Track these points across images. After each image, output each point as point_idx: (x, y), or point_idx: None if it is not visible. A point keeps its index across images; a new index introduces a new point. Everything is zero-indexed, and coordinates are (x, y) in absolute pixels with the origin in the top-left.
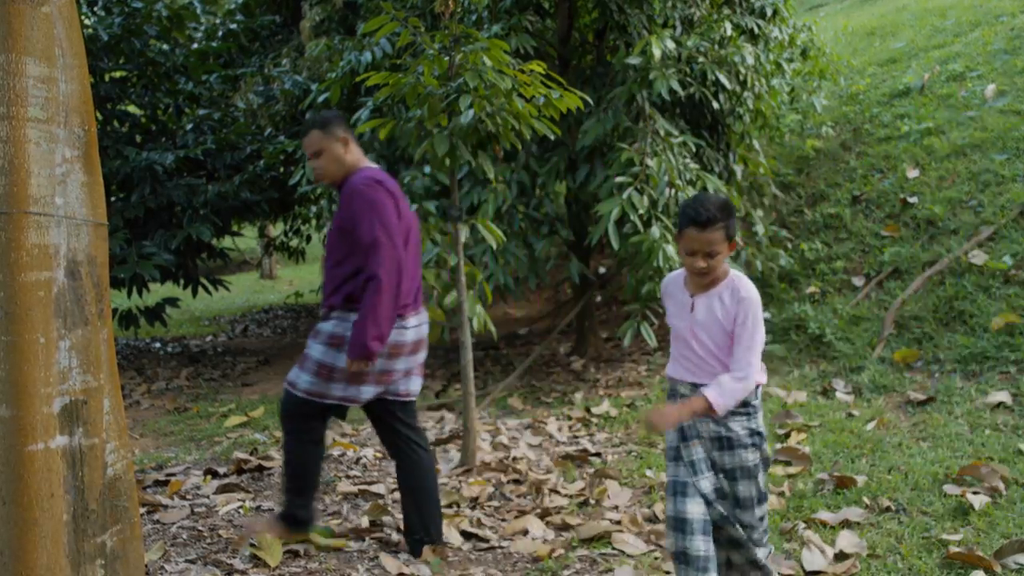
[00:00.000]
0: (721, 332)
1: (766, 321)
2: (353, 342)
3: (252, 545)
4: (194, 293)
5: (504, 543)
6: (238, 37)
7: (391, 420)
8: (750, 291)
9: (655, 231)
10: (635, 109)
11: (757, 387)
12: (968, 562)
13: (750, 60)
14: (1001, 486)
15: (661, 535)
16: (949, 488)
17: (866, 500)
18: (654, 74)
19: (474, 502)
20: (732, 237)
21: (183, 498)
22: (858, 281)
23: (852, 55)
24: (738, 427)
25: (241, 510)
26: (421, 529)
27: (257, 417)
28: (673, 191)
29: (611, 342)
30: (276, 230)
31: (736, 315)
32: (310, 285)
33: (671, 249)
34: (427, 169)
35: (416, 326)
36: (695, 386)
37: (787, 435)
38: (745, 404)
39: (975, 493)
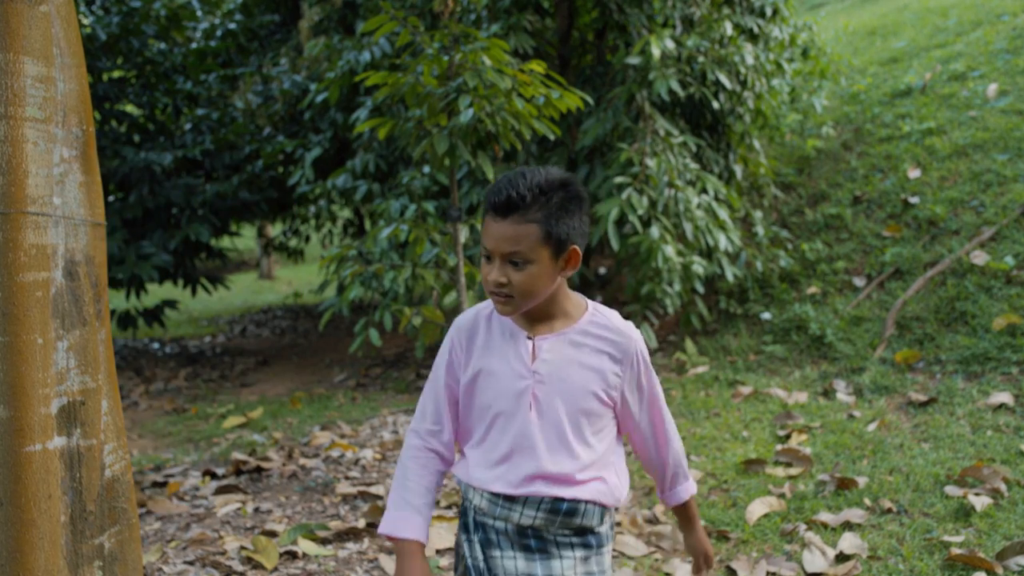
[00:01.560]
0: (586, 399)
1: (767, 322)
2: None
3: (244, 548)
4: (193, 292)
5: None
6: (236, 37)
7: None
8: (632, 328)
9: (654, 231)
10: (635, 109)
11: (609, 510)
12: (970, 564)
13: (750, 60)
14: (1003, 487)
15: (661, 537)
16: (951, 489)
17: (867, 501)
18: (654, 74)
19: None
20: (563, 240)
21: (181, 499)
22: (859, 281)
23: (853, 54)
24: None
25: (239, 511)
26: None
27: (256, 418)
28: (673, 191)
29: None
30: (275, 230)
31: (630, 367)
32: (309, 285)
33: (670, 250)
34: (426, 169)
35: None
36: (539, 505)
37: (788, 436)
38: (583, 531)
39: (977, 494)
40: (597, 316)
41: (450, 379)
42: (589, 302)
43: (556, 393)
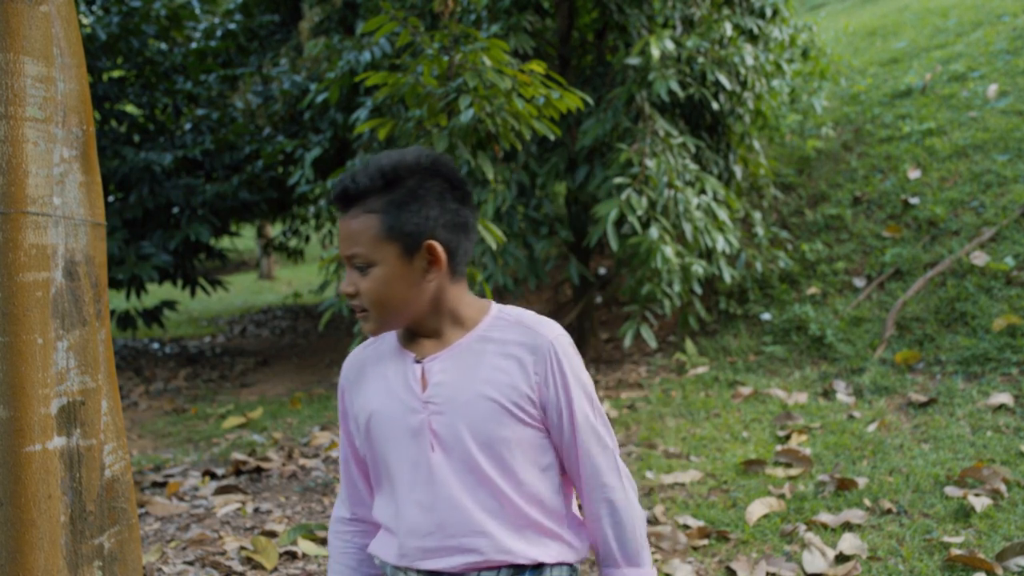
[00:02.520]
0: (496, 419)
1: (767, 323)
2: None
3: (244, 548)
4: (192, 293)
5: None
6: (236, 37)
7: None
8: (548, 324)
9: (653, 232)
10: (634, 110)
11: (576, 569)
12: (970, 564)
13: (750, 61)
14: (1003, 488)
15: (661, 537)
16: (950, 490)
17: (867, 502)
18: (653, 75)
19: None
20: (412, 234)
21: (181, 499)
22: (859, 282)
23: (853, 55)
24: None
25: (239, 511)
26: None
27: (255, 418)
28: (672, 192)
29: (611, 343)
30: (274, 230)
31: (544, 373)
32: (309, 285)
33: (669, 250)
34: None
35: None
36: None
37: (788, 437)
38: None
39: (976, 495)
40: (502, 318)
41: (349, 436)
42: (495, 305)
43: (458, 420)
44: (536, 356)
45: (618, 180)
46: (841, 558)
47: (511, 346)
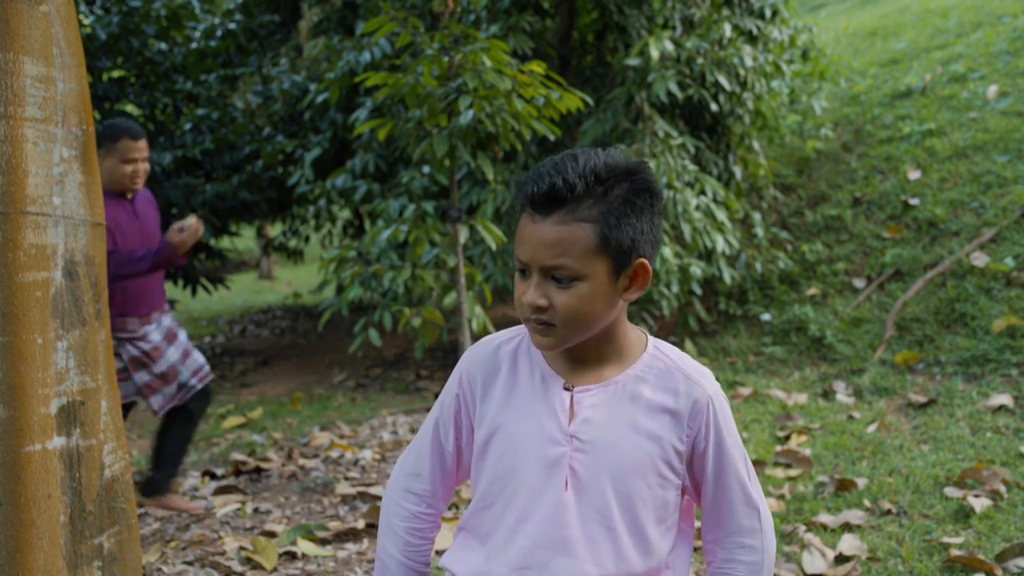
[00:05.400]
0: (644, 477)
1: (767, 323)
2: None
3: (244, 548)
4: (193, 293)
5: None
6: (236, 37)
7: None
8: (706, 376)
9: None
10: (634, 110)
11: None
12: (969, 565)
13: (749, 61)
14: (1002, 489)
15: None
16: (950, 491)
17: (867, 503)
18: (653, 75)
19: None
20: (627, 250)
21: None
22: (859, 283)
23: (853, 56)
24: None
25: (239, 512)
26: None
27: (255, 418)
28: (671, 193)
29: None
30: (274, 230)
31: (699, 429)
32: (309, 285)
33: (668, 251)
34: (426, 169)
35: None
36: None
37: (787, 437)
38: None
39: (976, 496)
40: (659, 358)
41: (457, 425)
42: (650, 338)
43: (602, 467)
44: (693, 409)
45: None
46: (841, 559)
47: (668, 395)
